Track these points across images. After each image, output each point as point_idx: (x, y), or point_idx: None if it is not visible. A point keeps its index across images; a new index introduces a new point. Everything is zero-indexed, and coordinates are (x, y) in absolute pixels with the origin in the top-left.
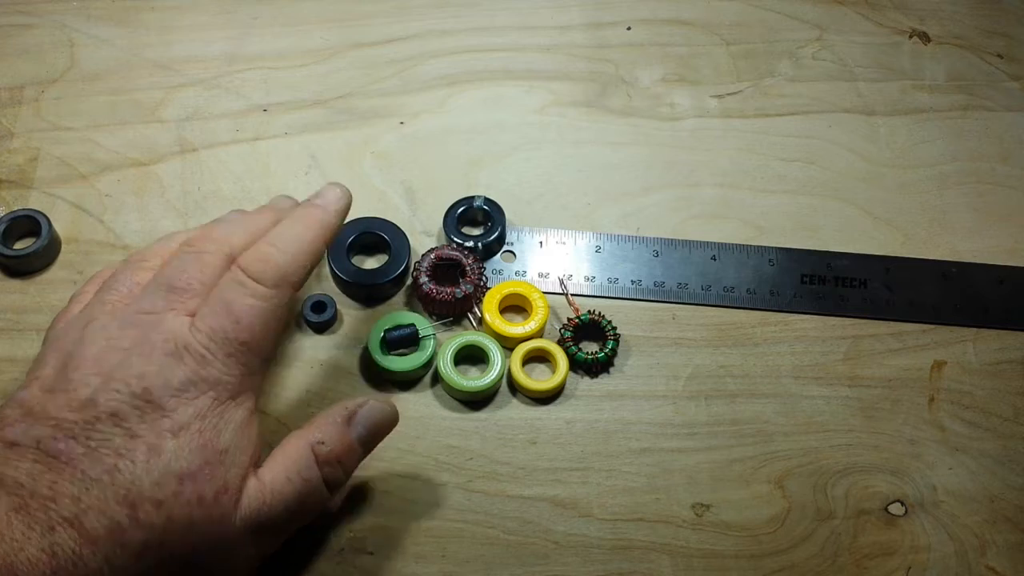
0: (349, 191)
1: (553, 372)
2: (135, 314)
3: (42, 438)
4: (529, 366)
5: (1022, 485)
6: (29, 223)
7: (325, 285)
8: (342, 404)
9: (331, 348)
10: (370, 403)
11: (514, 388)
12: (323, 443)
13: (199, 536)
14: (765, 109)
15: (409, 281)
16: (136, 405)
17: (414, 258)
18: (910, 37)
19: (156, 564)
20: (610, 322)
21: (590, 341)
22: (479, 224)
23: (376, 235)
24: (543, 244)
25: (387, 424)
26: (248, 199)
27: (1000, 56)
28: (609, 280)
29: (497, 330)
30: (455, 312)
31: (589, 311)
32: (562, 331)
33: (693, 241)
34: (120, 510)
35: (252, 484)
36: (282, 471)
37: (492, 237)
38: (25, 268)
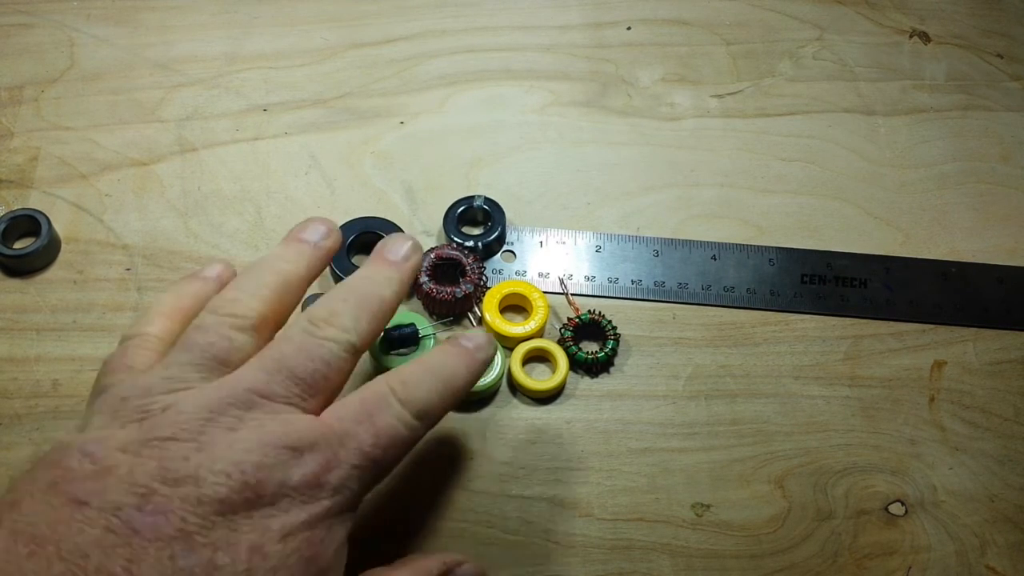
0: (494, 346)
1: (553, 372)
2: (245, 391)
3: (123, 505)
4: (529, 366)
5: (1022, 485)
6: (29, 223)
7: (325, 285)
8: (438, 558)
9: None
10: (467, 566)
11: (514, 388)
12: None
13: None
14: (765, 109)
15: None
16: (246, 497)
17: None
18: (910, 37)
19: None
20: (610, 322)
21: (590, 341)
22: (479, 224)
23: (376, 235)
24: (543, 244)
25: None
26: (248, 199)
27: (1000, 56)
28: (609, 280)
29: (497, 330)
30: (455, 312)
31: (589, 311)
32: (562, 331)
33: (693, 241)
34: None
35: None
36: None
37: (492, 237)
38: (25, 268)
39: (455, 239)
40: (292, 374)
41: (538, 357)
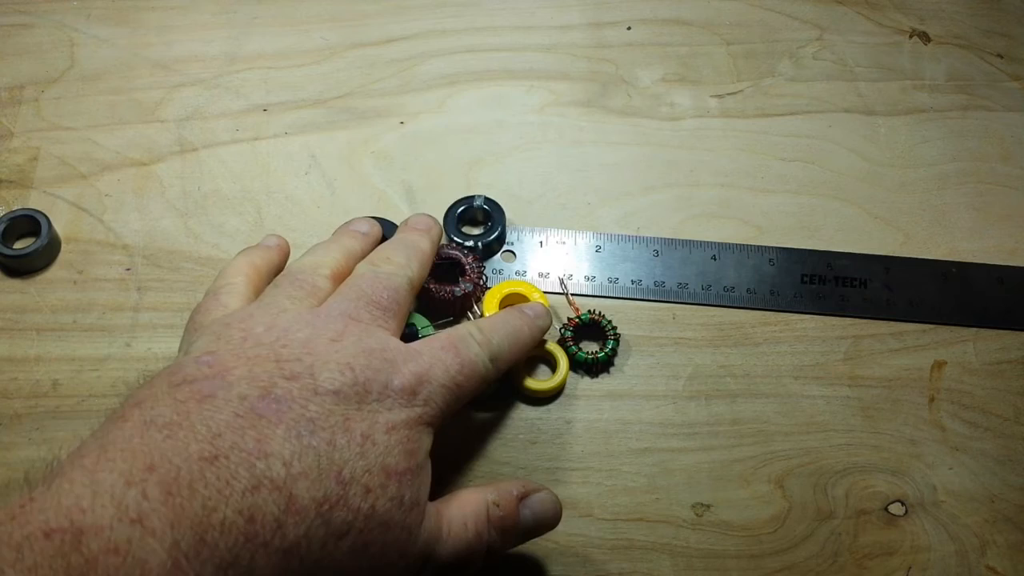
0: (551, 317)
1: (553, 372)
2: (339, 315)
3: (248, 395)
4: (529, 366)
5: (1022, 485)
6: (29, 223)
7: None
8: (520, 481)
9: None
10: (544, 493)
11: (514, 388)
12: (498, 506)
13: (391, 539)
14: (765, 109)
15: None
16: (356, 391)
17: None
18: (910, 37)
19: (351, 552)
20: (610, 322)
21: (590, 341)
22: (479, 224)
23: None
24: (543, 244)
25: (549, 523)
26: (248, 199)
27: (1000, 56)
28: (609, 280)
29: None
30: (455, 310)
31: (589, 311)
32: (562, 331)
33: (693, 241)
34: (333, 485)
35: (433, 513)
36: (460, 515)
37: (492, 237)
38: (25, 268)
39: (455, 239)
40: (371, 300)
41: (538, 357)
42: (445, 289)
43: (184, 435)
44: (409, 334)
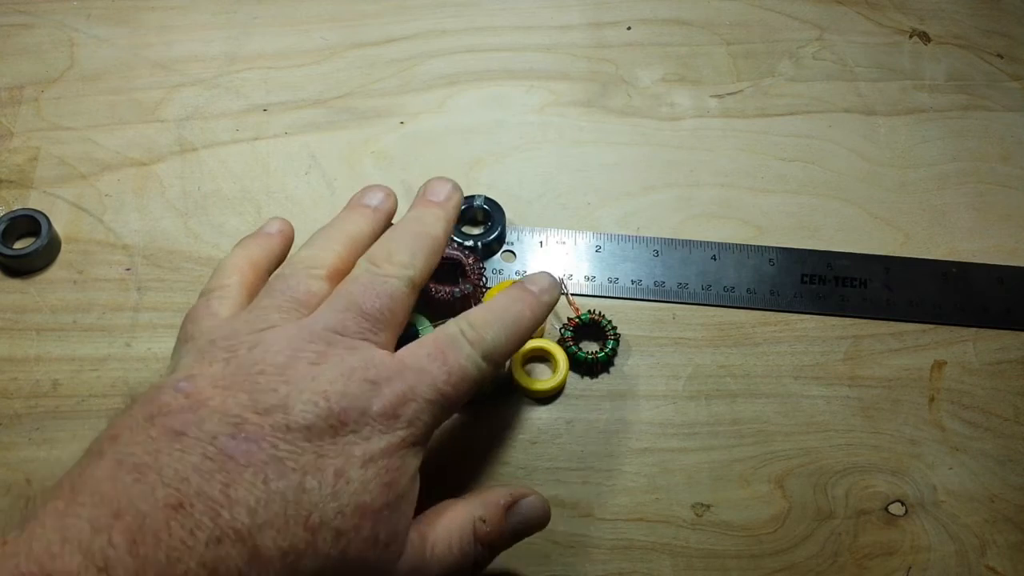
0: (558, 289)
1: (553, 372)
2: (323, 330)
3: (218, 434)
4: (529, 366)
5: (1022, 485)
6: (29, 223)
7: None
8: (506, 488)
9: None
10: (533, 498)
11: (514, 388)
12: (484, 521)
13: None
14: (765, 109)
15: None
16: (331, 424)
17: None
18: (910, 37)
19: None
20: (610, 322)
21: (590, 341)
22: (479, 224)
23: None
24: (543, 244)
25: (539, 525)
26: (248, 199)
27: (1000, 56)
28: (609, 280)
29: None
30: (455, 311)
31: (589, 311)
32: (562, 331)
33: (693, 241)
34: (300, 533)
35: (415, 539)
36: (444, 537)
37: (492, 237)
38: (25, 268)
39: (455, 239)
40: (361, 310)
41: (538, 357)
42: (444, 290)
43: (152, 479)
44: (409, 334)
